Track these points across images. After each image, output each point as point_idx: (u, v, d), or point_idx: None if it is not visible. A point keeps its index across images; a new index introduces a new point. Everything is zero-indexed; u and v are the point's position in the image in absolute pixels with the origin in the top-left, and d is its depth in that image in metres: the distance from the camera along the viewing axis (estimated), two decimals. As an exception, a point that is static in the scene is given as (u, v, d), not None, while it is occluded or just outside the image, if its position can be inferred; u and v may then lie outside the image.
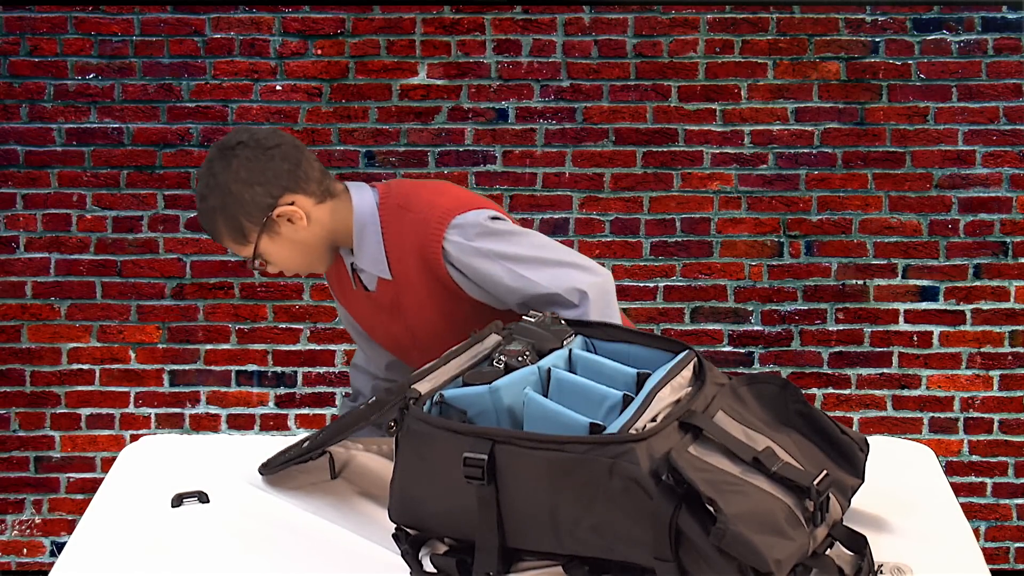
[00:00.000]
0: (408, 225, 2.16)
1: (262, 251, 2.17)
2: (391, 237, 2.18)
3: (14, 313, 3.70)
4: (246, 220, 2.13)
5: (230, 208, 2.12)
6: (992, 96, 3.61)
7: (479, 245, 2.12)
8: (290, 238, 2.17)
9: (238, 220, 2.13)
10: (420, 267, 2.16)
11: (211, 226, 2.16)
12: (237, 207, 2.12)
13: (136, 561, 1.73)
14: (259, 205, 2.13)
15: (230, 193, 2.12)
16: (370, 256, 2.19)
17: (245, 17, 3.63)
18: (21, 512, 3.75)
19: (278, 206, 2.14)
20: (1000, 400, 3.70)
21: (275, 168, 2.14)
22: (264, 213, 2.13)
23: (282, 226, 2.16)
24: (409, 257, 2.16)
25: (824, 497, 1.59)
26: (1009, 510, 3.73)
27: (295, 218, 2.15)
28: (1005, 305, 3.68)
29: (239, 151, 2.13)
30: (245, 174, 2.12)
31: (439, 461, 1.65)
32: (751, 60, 3.63)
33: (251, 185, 2.12)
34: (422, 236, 2.14)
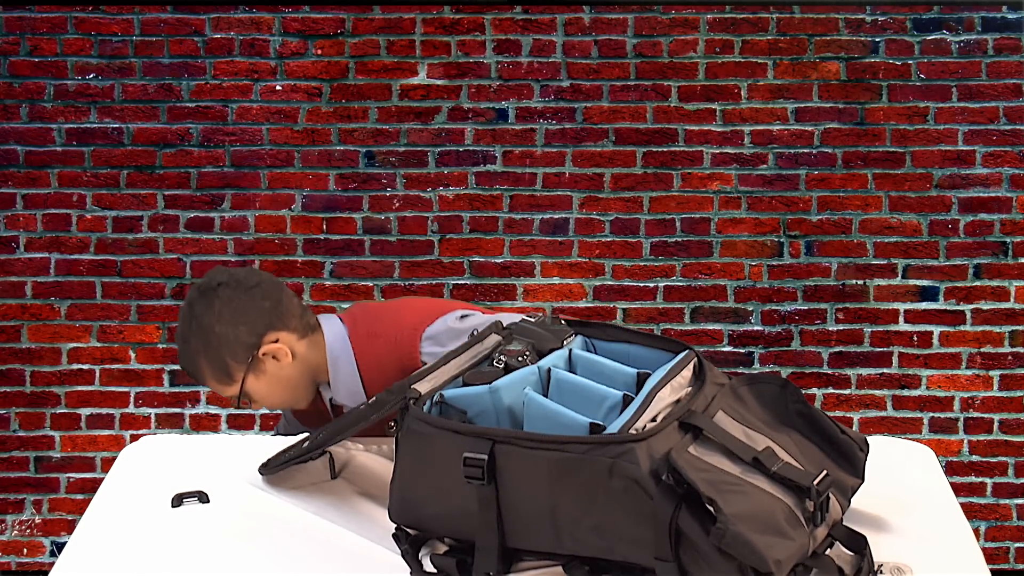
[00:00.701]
0: (383, 349, 2.17)
1: (247, 389, 2.17)
2: (367, 365, 2.19)
3: (14, 313, 3.70)
4: (231, 360, 2.14)
5: (214, 349, 2.12)
6: (992, 96, 3.61)
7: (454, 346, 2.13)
8: (275, 375, 2.17)
9: (223, 360, 2.13)
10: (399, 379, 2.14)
11: (193, 368, 2.15)
12: (222, 347, 2.13)
13: (136, 561, 1.72)
14: (244, 344, 2.13)
15: (213, 334, 2.12)
16: (346, 388, 2.20)
17: (245, 17, 3.63)
18: (21, 512, 3.74)
19: (263, 344, 2.14)
20: (1000, 400, 3.70)
21: (258, 306, 2.14)
22: (249, 352, 2.14)
23: (267, 364, 2.16)
24: (388, 376, 2.15)
25: (824, 497, 1.59)
26: (1009, 510, 3.73)
27: (280, 355, 2.16)
28: (1005, 305, 3.67)
29: (220, 292, 2.14)
30: (229, 314, 2.12)
31: (439, 461, 1.65)
32: (751, 60, 3.63)
33: (235, 325, 2.12)
34: (399, 356, 2.16)
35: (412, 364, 2.14)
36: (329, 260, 3.68)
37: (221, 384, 2.16)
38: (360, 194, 3.66)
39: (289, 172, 3.66)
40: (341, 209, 3.67)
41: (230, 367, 2.14)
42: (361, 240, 3.68)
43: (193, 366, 2.16)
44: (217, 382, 2.16)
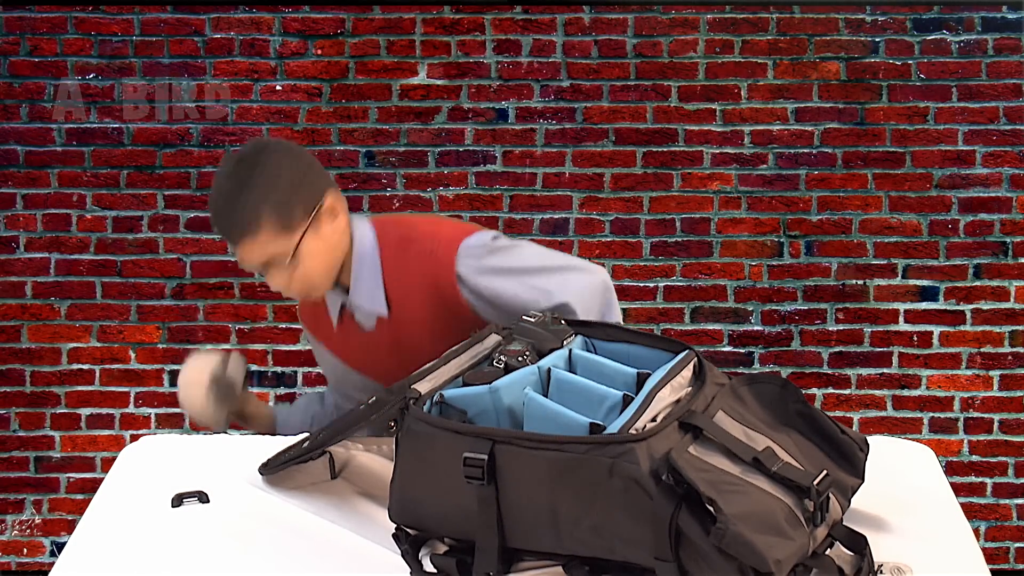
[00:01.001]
0: (413, 258, 2.12)
1: (303, 245, 2.05)
2: (392, 272, 2.14)
3: (14, 313, 3.70)
4: (297, 206, 2.03)
5: (283, 192, 2.01)
6: (992, 96, 3.61)
7: (492, 264, 2.11)
8: (328, 237, 2.08)
9: (290, 207, 2.02)
10: (429, 299, 2.12)
11: (253, 215, 2.00)
12: (291, 191, 2.02)
13: (136, 561, 1.73)
14: (311, 191, 2.05)
15: (282, 179, 2.02)
16: (367, 293, 2.14)
17: (245, 17, 3.63)
18: (21, 512, 3.75)
19: (324, 199, 2.07)
20: (1000, 400, 3.70)
21: (317, 164, 2.11)
22: (315, 202, 2.05)
23: (324, 221, 2.07)
24: (415, 292, 2.12)
25: (824, 497, 1.59)
26: (1009, 510, 3.73)
27: (337, 211, 2.08)
28: (1005, 305, 3.68)
29: (279, 146, 2.08)
30: (293, 164, 2.05)
31: (439, 461, 1.65)
32: (751, 60, 3.63)
33: (303, 172, 2.06)
34: (432, 266, 2.10)
35: (447, 279, 2.08)
36: (329, 260, 3.68)
37: (278, 236, 2.02)
38: (360, 194, 3.66)
39: (289, 172, 3.66)
40: (341, 209, 3.67)
41: (296, 214, 2.02)
42: (361, 240, 3.67)
43: (252, 213, 1.99)
44: (275, 233, 2.01)
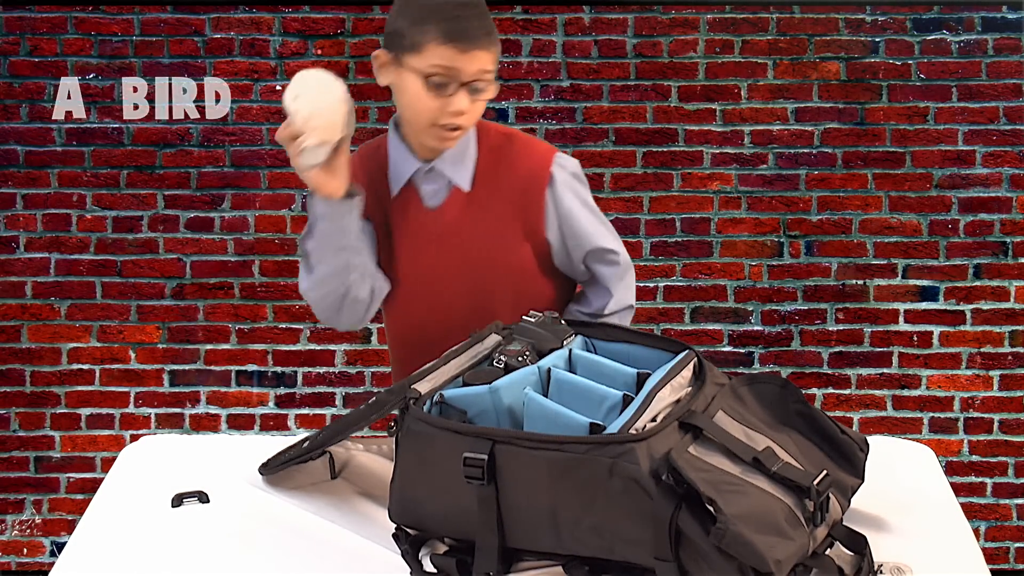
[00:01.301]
0: (513, 150, 2.16)
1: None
2: (485, 154, 2.15)
3: (14, 313, 3.70)
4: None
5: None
6: (992, 96, 3.61)
7: (575, 186, 2.19)
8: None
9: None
10: (511, 193, 2.14)
11: (492, 25, 2.05)
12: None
13: (136, 561, 1.73)
14: None
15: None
16: (454, 160, 2.13)
17: (245, 17, 3.63)
18: (21, 512, 3.75)
19: None
20: (1000, 400, 3.70)
21: None
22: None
23: None
24: (503, 179, 2.13)
25: (824, 497, 1.59)
26: (1009, 510, 3.73)
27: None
28: (1005, 305, 3.68)
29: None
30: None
31: (439, 461, 1.65)
32: (751, 60, 3.63)
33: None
34: (528, 160, 2.15)
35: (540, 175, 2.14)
36: (329, 260, 3.68)
37: (497, 55, 2.07)
38: (360, 194, 3.66)
39: (289, 172, 3.66)
40: (341, 209, 3.67)
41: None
42: (361, 240, 3.68)
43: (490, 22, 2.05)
44: (497, 51, 2.06)
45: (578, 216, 2.18)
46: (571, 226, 2.17)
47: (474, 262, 2.15)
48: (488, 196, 2.14)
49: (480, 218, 2.14)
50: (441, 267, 2.17)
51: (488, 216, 2.14)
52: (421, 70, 2.04)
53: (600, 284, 2.23)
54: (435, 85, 2.03)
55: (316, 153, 2.04)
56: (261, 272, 3.69)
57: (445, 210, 2.15)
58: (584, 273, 2.24)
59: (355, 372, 3.72)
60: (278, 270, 3.68)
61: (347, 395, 3.73)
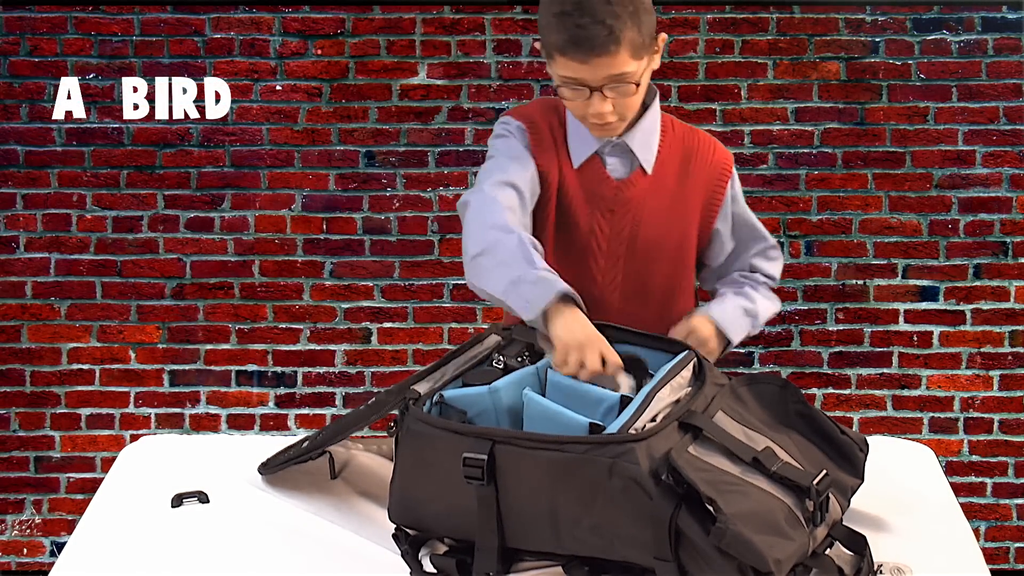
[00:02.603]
0: (699, 141, 2.22)
1: (641, 75, 2.07)
2: (669, 141, 2.19)
3: (14, 313, 3.70)
4: (649, 34, 2.06)
5: (644, 17, 2.04)
6: (992, 96, 3.61)
7: (740, 191, 2.28)
8: (650, 71, 2.11)
9: (648, 30, 2.05)
10: (698, 178, 2.19)
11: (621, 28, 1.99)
12: (648, 19, 2.06)
13: (136, 561, 1.73)
14: (655, 21, 2.10)
15: (646, 6, 2.06)
16: (644, 138, 2.16)
17: (245, 17, 3.63)
18: (21, 512, 3.75)
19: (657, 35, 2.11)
20: (1000, 400, 3.70)
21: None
22: (655, 33, 2.10)
23: (655, 55, 2.11)
24: (690, 166, 2.18)
25: (824, 497, 1.60)
26: (1009, 510, 3.73)
27: (660, 50, 2.12)
28: (1005, 305, 3.68)
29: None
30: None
31: (439, 461, 1.65)
32: (751, 60, 3.63)
33: (652, 8, 2.09)
34: (715, 154, 2.21)
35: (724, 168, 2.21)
36: (329, 260, 3.68)
37: (632, 57, 2.02)
38: (360, 194, 3.66)
39: (289, 172, 3.66)
40: (341, 209, 3.67)
41: (647, 41, 2.06)
42: (361, 240, 3.68)
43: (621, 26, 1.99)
44: (631, 53, 2.01)
45: (744, 210, 2.28)
46: (743, 215, 2.26)
47: (645, 238, 2.17)
48: (671, 179, 2.17)
49: (661, 198, 2.16)
50: (612, 237, 2.17)
51: (669, 197, 2.17)
52: (555, 77, 2.04)
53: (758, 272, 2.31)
54: (568, 91, 2.03)
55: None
56: (261, 272, 3.69)
57: (629, 184, 2.15)
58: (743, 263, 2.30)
59: (355, 372, 3.72)
60: (278, 270, 3.68)
61: (347, 395, 3.73)
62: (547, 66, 2.07)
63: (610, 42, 1.97)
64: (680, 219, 2.18)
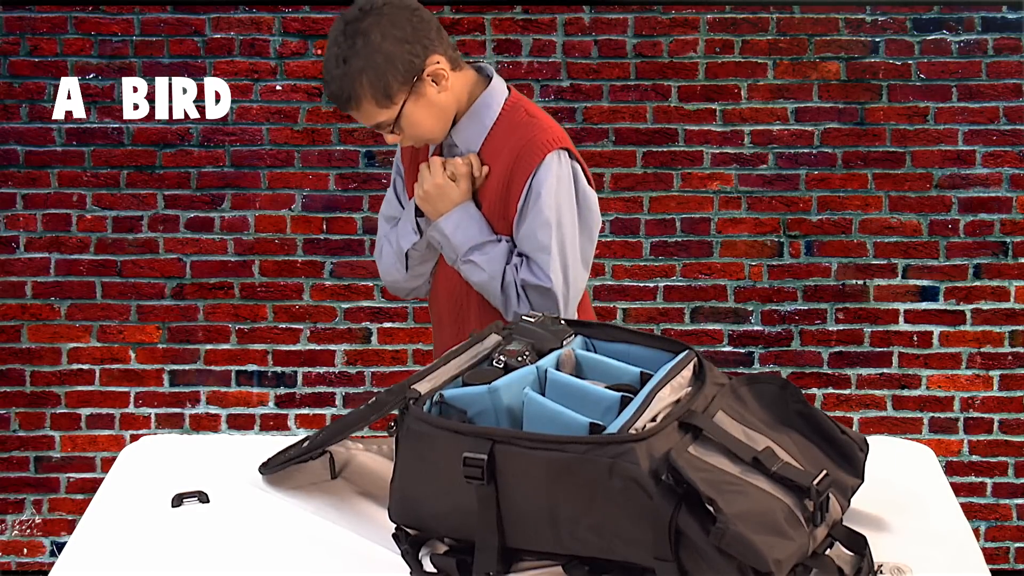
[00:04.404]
0: (524, 129, 2.21)
1: (405, 113, 2.13)
2: (499, 131, 2.21)
3: (14, 313, 3.70)
4: (395, 80, 2.10)
5: (379, 68, 2.08)
6: (992, 96, 3.61)
7: (560, 188, 2.20)
8: (432, 100, 2.15)
9: (387, 80, 2.09)
10: (506, 165, 2.19)
11: (352, 90, 2.09)
12: (388, 66, 2.08)
13: (136, 561, 1.73)
14: (409, 64, 2.11)
15: (380, 52, 2.08)
16: (467, 136, 2.22)
17: (245, 17, 3.63)
18: (21, 512, 3.75)
19: (426, 66, 2.12)
20: (1000, 400, 3.70)
21: (423, 27, 2.13)
22: (414, 72, 2.12)
23: (427, 87, 2.14)
24: (504, 153, 2.19)
25: (824, 497, 1.59)
26: (1009, 510, 3.73)
27: (440, 78, 2.14)
28: (1005, 305, 3.68)
29: (385, 10, 2.10)
30: (397, 32, 2.09)
31: (439, 461, 1.65)
32: (751, 60, 3.63)
33: (402, 43, 2.10)
34: (530, 138, 2.19)
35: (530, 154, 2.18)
36: (329, 260, 3.68)
37: (379, 107, 2.11)
38: (360, 194, 3.66)
39: (289, 172, 3.66)
40: (341, 209, 3.67)
41: (392, 88, 2.10)
42: (361, 240, 3.68)
43: (351, 88, 2.09)
44: (375, 105, 2.11)
45: (535, 219, 2.18)
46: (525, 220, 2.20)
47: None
48: (489, 164, 2.21)
49: (484, 191, 2.23)
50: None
51: (486, 189, 2.22)
52: None
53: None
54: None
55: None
56: (261, 272, 3.69)
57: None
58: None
59: (355, 372, 3.72)
60: (278, 270, 3.68)
61: (347, 395, 3.73)
62: None
63: (347, 104, 2.12)
64: (493, 204, 2.22)
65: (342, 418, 1.87)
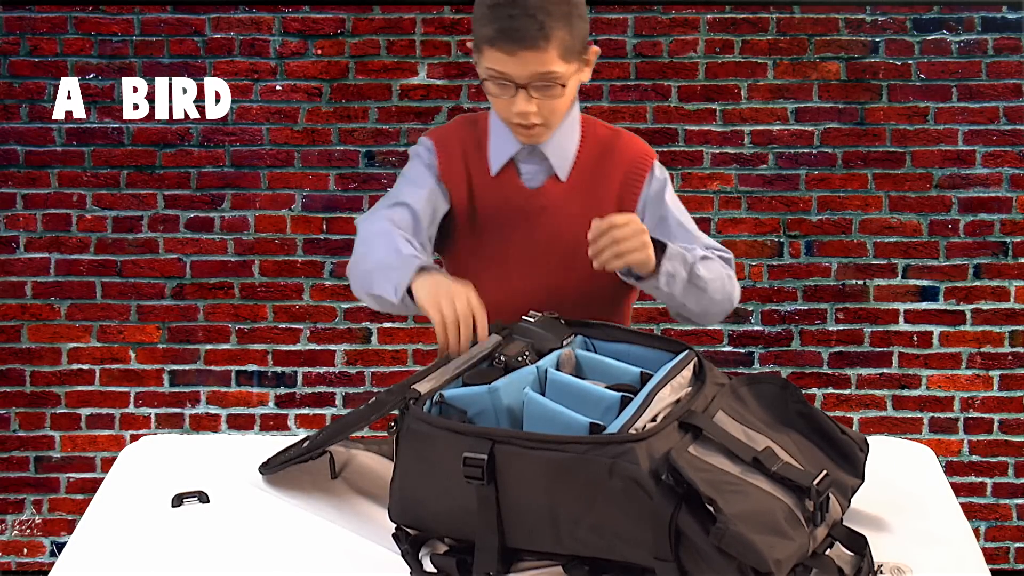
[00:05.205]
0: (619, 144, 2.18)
1: (568, 79, 2.03)
2: (589, 145, 2.17)
3: (14, 313, 3.70)
4: (581, 41, 2.03)
5: (577, 20, 2.01)
6: (992, 96, 3.61)
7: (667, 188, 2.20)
8: (576, 84, 2.09)
9: (581, 35, 2.02)
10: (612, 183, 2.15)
11: (549, 22, 1.96)
12: (582, 24, 2.02)
13: (136, 561, 1.73)
14: (587, 33, 2.05)
15: (579, 11, 2.02)
16: (560, 144, 2.15)
17: (245, 17, 3.63)
18: (21, 512, 3.75)
19: (589, 47, 2.08)
20: (1000, 400, 3.70)
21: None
22: (587, 42, 2.07)
23: (586, 69, 2.09)
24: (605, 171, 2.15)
25: (824, 497, 1.59)
26: (1009, 510, 3.73)
27: (591, 63, 2.09)
28: (1005, 305, 3.68)
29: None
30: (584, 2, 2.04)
31: (439, 461, 1.65)
32: (751, 60, 3.63)
33: (586, 17, 2.05)
34: (631, 155, 2.17)
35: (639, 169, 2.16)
36: (329, 260, 3.68)
37: (560, 58, 1.99)
38: (360, 194, 3.66)
39: (289, 172, 3.66)
40: (341, 209, 3.67)
41: (576, 47, 2.02)
42: (361, 240, 3.68)
43: (547, 20, 1.97)
44: (560, 52, 1.99)
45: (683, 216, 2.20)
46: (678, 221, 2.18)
47: (561, 248, 2.15)
48: (587, 186, 2.16)
49: (576, 205, 2.15)
50: (527, 247, 2.17)
51: (584, 205, 2.15)
52: (481, 72, 2.04)
53: None
54: (495, 86, 2.03)
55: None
56: (261, 272, 3.69)
57: (543, 192, 2.16)
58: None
59: (355, 372, 3.72)
60: (278, 270, 3.68)
61: (347, 395, 3.73)
62: (475, 63, 2.07)
63: (539, 37, 1.96)
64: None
65: (342, 418, 1.87)
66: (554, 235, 2.16)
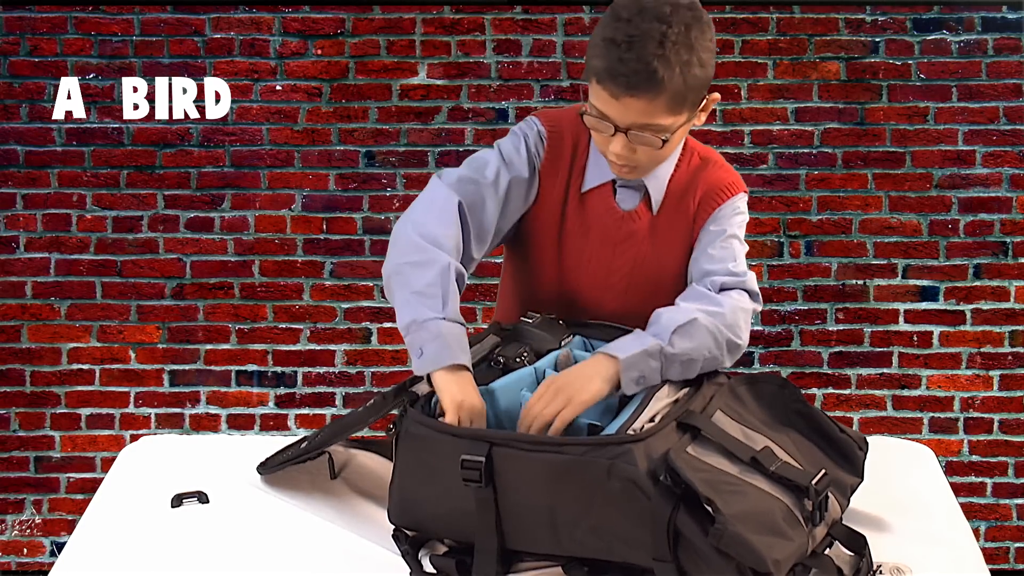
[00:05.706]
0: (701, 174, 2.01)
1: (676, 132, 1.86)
2: (679, 175, 2.00)
3: (14, 313, 3.70)
4: (697, 92, 1.83)
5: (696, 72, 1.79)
6: (992, 96, 3.61)
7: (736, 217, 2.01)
8: (684, 132, 1.92)
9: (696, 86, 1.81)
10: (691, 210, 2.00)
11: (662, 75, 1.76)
12: (703, 75, 1.81)
13: (136, 561, 1.73)
14: (707, 82, 1.84)
15: (704, 53, 1.80)
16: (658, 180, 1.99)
17: (245, 17, 3.63)
18: (21, 512, 3.75)
19: (708, 95, 1.88)
20: (1000, 400, 3.70)
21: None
22: (702, 95, 1.86)
23: (699, 118, 1.91)
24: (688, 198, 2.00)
25: (823, 496, 1.60)
26: (1009, 510, 3.73)
27: (707, 111, 1.90)
28: (1005, 305, 3.67)
29: (705, 17, 1.83)
30: (711, 45, 1.83)
31: (437, 463, 1.65)
32: (751, 60, 3.63)
33: (713, 57, 1.84)
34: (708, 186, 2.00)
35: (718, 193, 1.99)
36: (329, 260, 3.68)
37: (668, 110, 1.81)
38: (360, 194, 3.66)
39: (289, 172, 3.66)
40: (341, 209, 3.67)
41: (688, 100, 1.82)
42: (361, 240, 3.68)
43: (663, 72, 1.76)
44: (668, 104, 1.80)
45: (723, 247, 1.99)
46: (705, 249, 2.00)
47: (644, 273, 2.03)
48: (672, 213, 2.01)
49: (663, 231, 2.02)
50: (611, 269, 2.05)
51: (669, 233, 2.02)
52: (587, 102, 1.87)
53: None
54: (594, 120, 1.85)
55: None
56: (261, 272, 3.69)
57: (633, 217, 2.01)
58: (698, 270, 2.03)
59: (355, 372, 3.72)
60: (278, 270, 3.68)
61: (347, 395, 3.73)
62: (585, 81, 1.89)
63: (649, 86, 1.77)
64: (679, 252, 2.02)
65: (341, 419, 1.87)
66: (639, 262, 2.03)
